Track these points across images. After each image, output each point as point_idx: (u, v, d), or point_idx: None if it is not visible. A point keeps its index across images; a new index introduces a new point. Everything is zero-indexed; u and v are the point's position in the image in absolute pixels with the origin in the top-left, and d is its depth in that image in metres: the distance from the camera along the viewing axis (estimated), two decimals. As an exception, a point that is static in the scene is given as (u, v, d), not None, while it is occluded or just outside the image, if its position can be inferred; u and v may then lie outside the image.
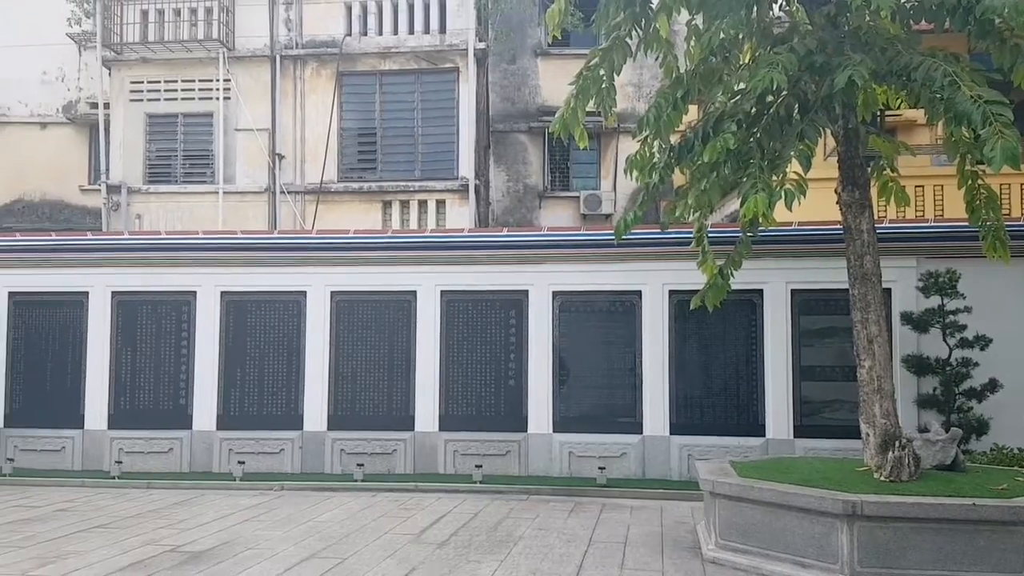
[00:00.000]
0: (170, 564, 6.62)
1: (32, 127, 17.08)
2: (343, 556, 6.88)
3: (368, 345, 11.40)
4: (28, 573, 6.27)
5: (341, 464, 11.15)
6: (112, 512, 8.83)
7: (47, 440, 11.52)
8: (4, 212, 16.96)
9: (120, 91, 15.12)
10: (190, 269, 11.57)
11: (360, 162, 15.08)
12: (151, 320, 11.65)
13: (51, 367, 11.69)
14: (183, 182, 15.07)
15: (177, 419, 11.46)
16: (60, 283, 11.73)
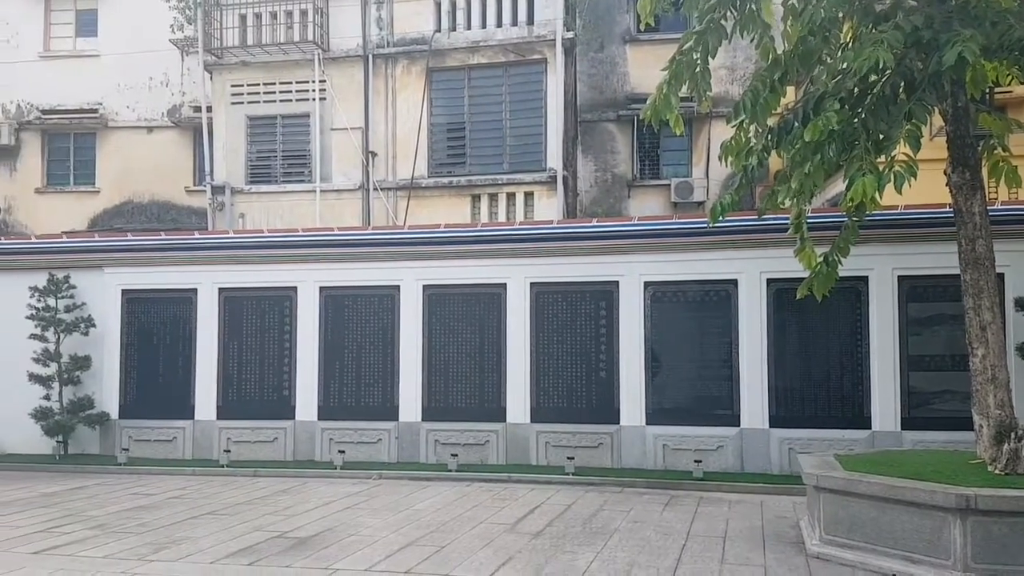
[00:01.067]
0: (277, 549, 6.87)
1: (139, 131, 17.93)
2: (441, 544, 6.99)
3: (459, 338, 11.53)
4: (145, 558, 6.60)
5: (435, 454, 11.33)
6: (221, 499, 9.22)
7: (159, 431, 12.09)
8: (115, 213, 17.88)
9: (222, 94, 15.73)
10: (291, 265, 11.95)
11: (449, 157, 15.25)
12: (255, 315, 12.08)
13: (162, 361, 12.27)
14: (282, 181, 15.58)
15: (281, 410, 11.87)
16: (170, 280, 12.29)
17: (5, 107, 18.04)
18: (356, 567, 6.29)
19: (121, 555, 6.67)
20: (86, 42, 18.19)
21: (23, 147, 18.09)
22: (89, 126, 17.91)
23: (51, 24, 18.31)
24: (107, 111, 17.83)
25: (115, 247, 12.53)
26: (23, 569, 6.19)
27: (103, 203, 17.92)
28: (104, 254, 12.45)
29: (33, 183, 18.11)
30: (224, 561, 6.50)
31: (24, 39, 18.12)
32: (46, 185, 18.18)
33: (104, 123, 17.81)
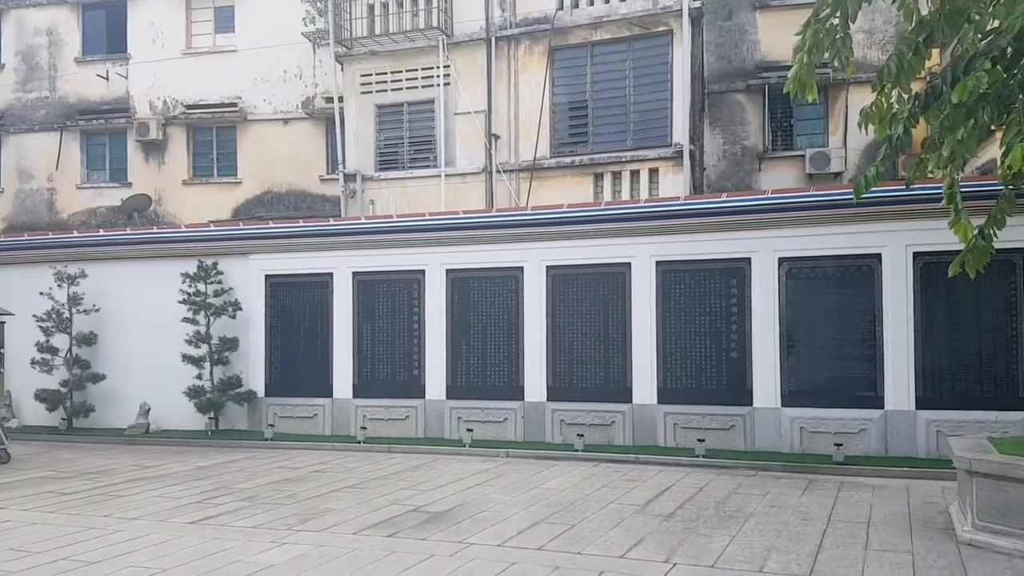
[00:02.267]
0: (414, 522, 7.08)
1: (276, 123, 18.75)
2: (571, 523, 7.01)
3: (584, 318, 11.49)
4: (292, 528, 6.95)
5: (561, 434, 11.37)
6: (360, 474, 9.59)
7: (301, 408, 12.70)
8: (256, 203, 18.81)
9: (352, 85, 16.22)
10: (418, 249, 12.24)
11: (571, 136, 15.16)
12: (386, 297, 12.46)
13: (303, 342, 12.85)
14: (409, 167, 15.94)
15: (412, 389, 12.22)
16: (308, 266, 12.84)
17: (153, 103, 19.28)
18: (489, 542, 6.40)
19: (270, 525, 7.05)
20: (224, 38, 19.15)
21: (170, 141, 19.29)
22: (230, 120, 18.89)
23: (192, 22, 19.39)
24: (246, 105, 18.75)
25: (258, 235, 13.19)
26: (182, 538, 6.64)
27: (245, 193, 18.88)
28: (248, 241, 13.14)
29: (180, 175, 19.29)
30: (365, 532, 6.76)
31: (168, 38, 19.27)
32: (192, 177, 19.33)
33: (243, 116, 18.74)
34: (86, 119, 19.61)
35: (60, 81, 19.84)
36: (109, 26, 19.81)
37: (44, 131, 19.88)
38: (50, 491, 8.66)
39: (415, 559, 5.95)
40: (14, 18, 20.12)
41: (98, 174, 20.00)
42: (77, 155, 19.85)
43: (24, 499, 8.24)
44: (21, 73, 20.05)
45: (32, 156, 19.99)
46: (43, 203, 19.91)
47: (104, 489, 8.79)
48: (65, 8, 19.86)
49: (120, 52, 19.55)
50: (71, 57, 19.80)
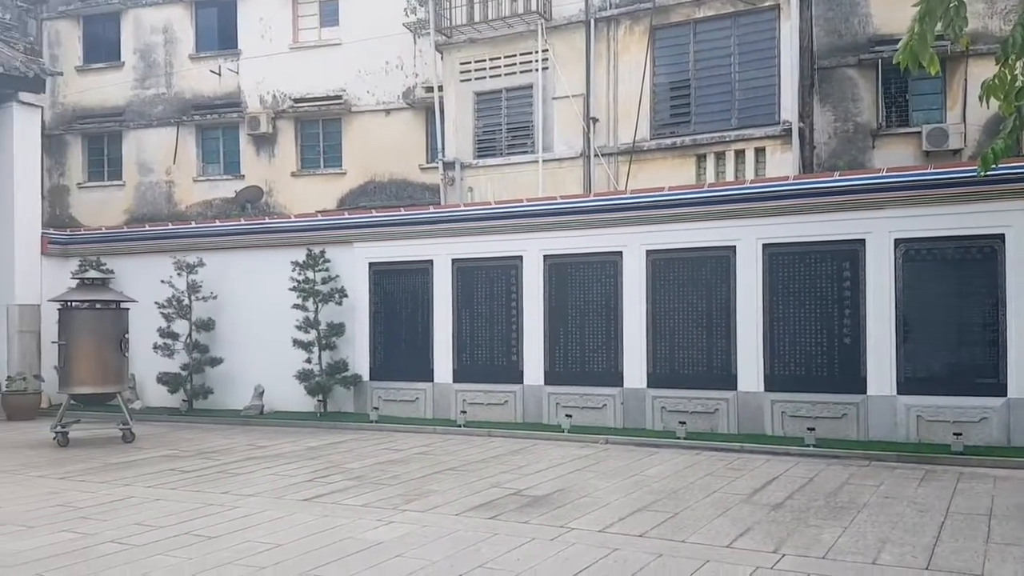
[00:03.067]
0: (515, 506, 7.13)
1: (378, 114, 19.14)
2: (674, 511, 6.90)
3: (685, 303, 11.27)
4: (398, 508, 7.11)
5: (662, 421, 11.21)
6: (461, 456, 9.73)
7: (404, 392, 12.97)
8: (359, 193, 19.27)
9: (451, 73, 16.38)
10: (516, 235, 12.27)
11: (673, 117, 14.86)
12: (485, 284, 12.55)
13: (405, 328, 13.10)
14: (507, 154, 15.99)
15: (510, 374, 12.28)
16: (409, 253, 13.07)
17: (263, 98, 19.98)
18: (590, 527, 6.38)
19: (377, 504, 7.23)
20: (329, 32, 19.64)
21: (279, 134, 19.96)
22: (335, 112, 19.40)
23: (298, 17, 19.97)
24: (350, 97, 19.20)
25: (362, 223, 13.51)
26: (295, 515, 6.89)
27: (349, 183, 19.38)
28: (353, 230, 13.48)
29: (289, 167, 19.96)
30: (468, 514, 6.84)
31: (276, 33, 19.91)
32: (300, 169, 19.96)
33: (348, 108, 19.21)
34: (200, 114, 20.53)
35: (176, 77, 20.82)
36: (220, 23, 20.63)
37: (162, 126, 20.91)
38: (172, 469, 9.14)
39: (517, 541, 5.98)
40: (132, 17, 21.21)
41: (213, 167, 20.92)
42: (193, 149, 20.81)
43: (148, 476, 8.72)
44: (139, 70, 21.14)
45: (151, 150, 21.07)
46: (162, 195, 20.97)
47: (222, 467, 9.21)
48: (179, 6, 20.80)
49: (231, 48, 20.33)
50: (185, 54, 20.73)
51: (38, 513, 6.99)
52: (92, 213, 21.04)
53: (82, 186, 21.73)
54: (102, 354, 11.03)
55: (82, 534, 6.28)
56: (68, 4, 21.49)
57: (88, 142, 21.84)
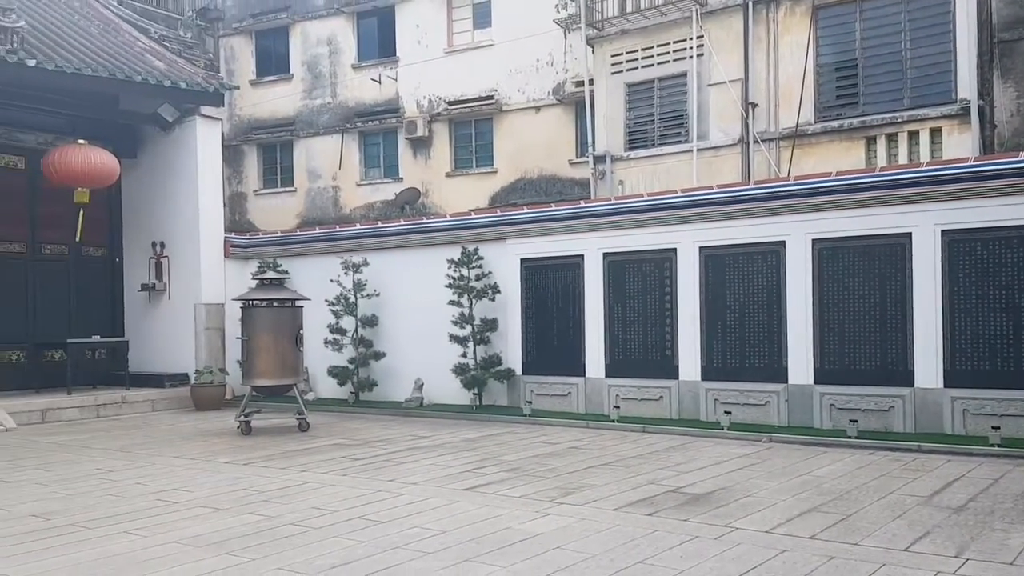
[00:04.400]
0: (674, 503, 7.00)
1: (528, 112, 19.36)
2: (845, 513, 6.55)
3: (855, 294, 10.65)
4: (555, 500, 7.15)
5: (831, 419, 10.67)
6: (615, 452, 9.66)
7: (556, 386, 13.03)
8: (510, 190, 19.57)
9: (602, 66, 16.31)
10: (670, 227, 12.03)
11: (839, 98, 14.12)
12: (637, 277, 12.41)
13: (556, 322, 13.16)
14: (659, 145, 15.74)
15: (664, 369, 12.07)
16: (560, 248, 13.11)
17: (419, 102, 20.68)
18: (755, 527, 6.16)
19: (534, 496, 7.32)
20: (482, 34, 20.07)
21: (434, 136, 20.60)
22: (486, 112, 19.80)
23: (452, 21, 20.53)
24: (501, 96, 19.53)
25: (514, 220, 13.70)
26: (457, 503, 7.09)
27: (500, 181, 19.73)
28: (505, 227, 13.69)
29: (443, 168, 20.56)
30: (625, 510, 6.79)
31: (431, 39, 20.56)
32: (453, 169, 20.52)
33: (499, 108, 19.54)
34: (362, 121, 21.52)
35: (340, 87, 21.93)
36: (380, 32, 21.55)
37: (327, 134, 22.10)
38: (343, 456, 9.64)
39: (678, 539, 5.87)
40: (299, 31, 22.51)
41: (374, 171, 21.89)
42: (356, 154, 21.86)
43: (322, 463, 9.23)
44: (307, 82, 22.42)
45: (319, 157, 22.31)
46: (329, 200, 22.16)
47: (388, 456, 9.62)
48: (342, 18, 21.88)
49: (390, 56, 21.18)
50: (348, 64, 21.79)
51: (227, 496, 7.56)
52: (267, 218, 22.54)
53: (258, 193, 23.32)
54: (280, 349, 11.78)
55: (265, 516, 6.73)
56: (242, 21, 23.11)
57: (262, 151, 23.41)
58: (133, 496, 7.64)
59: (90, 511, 7.03)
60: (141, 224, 16.51)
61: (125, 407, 14.50)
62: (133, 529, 6.38)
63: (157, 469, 9.09)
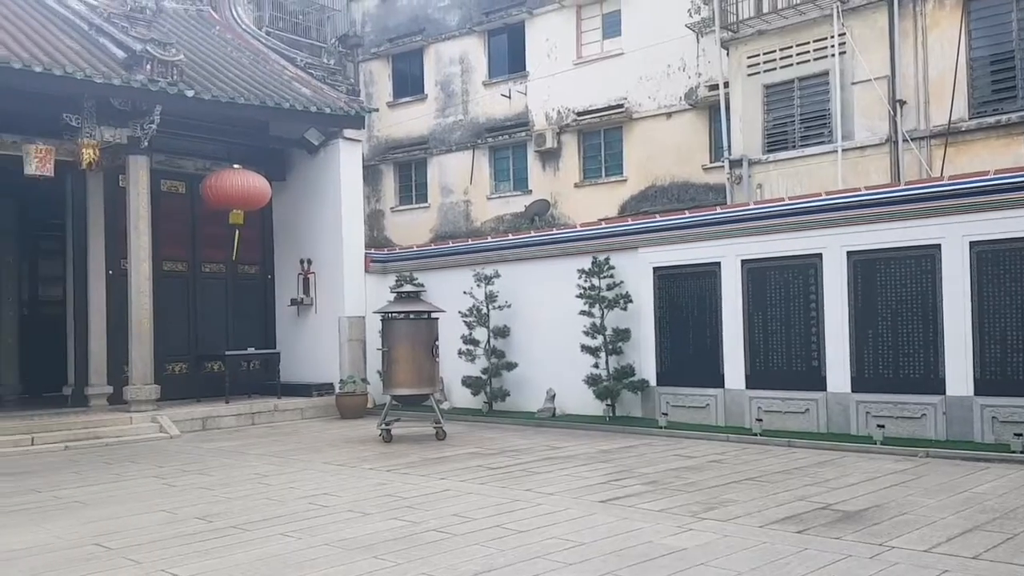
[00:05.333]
0: (824, 520, 6.69)
1: (659, 118, 19.12)
2: (1012, 532, 6.06)
3: (1018, 299, 9.88)
4: (696, 515, 6.97)
5: (993, 432, 9.91)
6: (758, 467, 9.33)
7: (693, 397, 12.73)
8: (640, 198, 19.37)
9: (737, 68, 15.92)
10: (814, 232, 11.54)
11: (994, 93, 13.19)
12: (778, 284, 11.96)
13: (692, 332, 12.87)
14: (800, 146, 15.17)
15: (810, 380, 11.56)
16: (694, 256, 12.82)
17: (548, 115, 20.84)
18: (913, 546, 5.79)
19: (674, 510, 7.16)
20: (611, 43, 20.02)
21: (563, 148, 20.70)
22: (616, 121, 19.71)
23: (581, 32, 20.59)
24: (631, 104, 19.40)
25: (646, 229, 13.53)
26: (594, 515, 7.04)
27: (630, 190, 19.57)
28: (636, 236, 13.55)
29: (572, 179, 20.61)
30: (772, 527, 6.54)
31: (560, 52, 20.70)
32: (583, 179, 20.53)
33: (629, 116, 19.42)
34: (492, 136, 21.91)
35: (471, 104, 22.43)
36: (510, 48, 21.89)
37: (459, 150, 22.63)
38: (479, 465, 9.78)
39: (830, 558, 5.60)
40: (433, 52, 23.20)
41: (504, 184, 22.22)
42: (486, 169, 22.27)
43: (459, 471, 9.40)
44: (440, 101, 23.06)
45: (451, 173, 22.88)
46: (460, 214, 22.66)
47: (523, 466, 9.69)
48: (473, 37, 22.39)
49: (520, 71, 21.47)
50: (479, 81, 22.25)
51: (372, 502, 7.82)
52: (403, 233, 23.30)
53: (394, 210, 24.16)
54: (417, 359, 12.12)
55: (409, 522, 6.92)
56: (379, 46, 24.06)
57: (398, 169, 24.25)
58: (287, 499, 8.03)
59: (248, 514, 7.44)
60: (290, 242, 17.43)
61: (277, 415, 15.31)
62: (288, 531, 6.70)
63: (307, 474, 9.53)
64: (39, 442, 12.12)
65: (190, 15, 18.66)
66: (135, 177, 14.10)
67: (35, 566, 5.87)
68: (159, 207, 15.10)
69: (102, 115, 13.66)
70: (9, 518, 7.47)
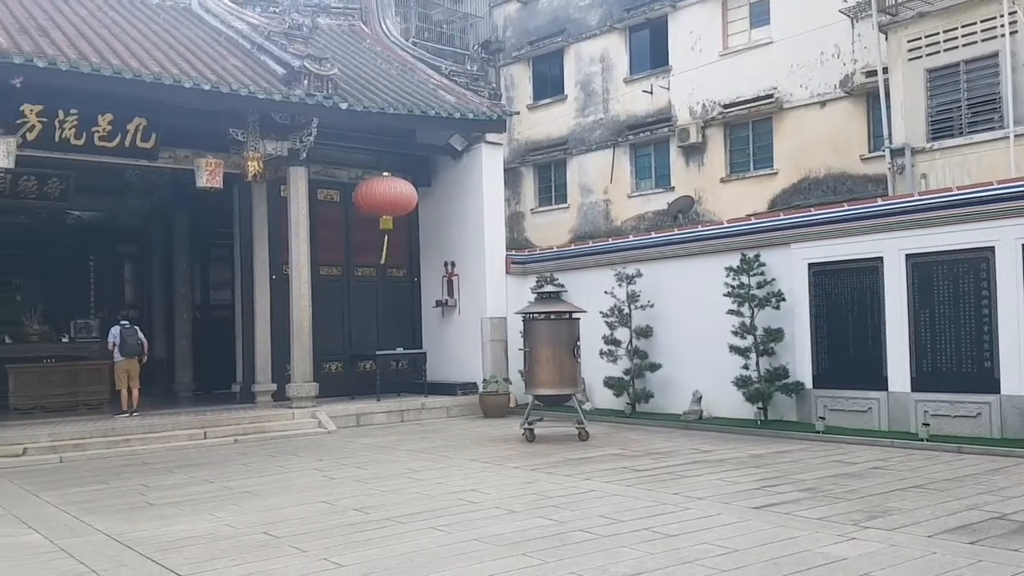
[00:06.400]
0: (999, 531, 6.18)
1: (812, 108, 18.27)
2: None
3: None
4: (859, 524, 6.60)
5: None
6: (926, 474, 8.73)
7: (853, 401, 12.05)
8: (792, 192, 18.57)
9: (897, 53, 15.00)
10: (986, 223, 10.69)
11: None
12: (946, 280, 11.15)
13: (851, 331, 12.19)
14: (967, 133, 14.10)
15: (983, 383, 10.72)
16: (852, 251, 12.14)
17: (692, 109, 20.37)
18: (1113, 570, 5.24)
19: (835, 519, 6.80)
20: (759, 32, 19.33)
21: (708, 142, 20.16)
22: (765, 112, 19.01)
23: (727, 23, 20.00)
24: (781, 94, 18.66)
25: (800, 223, 12.95)
26: (748, 522, 6.80)
27: (780, 184, 18.81)
28: (789, 231, 13.00)
29: (717, 174, 20.04)
30: (942, 536, 6.10)
31: (705, 44, 20.17)
32: (729, 174, 19.92)
33: (779, 107, 18.69)
34: (633, 133, 21.66)
35: (611, 102, 22.27)
36: (652, 43, 21.56)
37: (599, 149, 22.51)
38: (624, 467, 9.67)
39: (1008, 570, 5.17)
40: (573, 52, 23.21)
41: (645, 182, 21.91)
42: (627, 167, 22.03)
43: (604, 472, 9.33)
44: (580, 101, 23.04)
45: (590, 173, 22.81)
46: (600, 213, 22.54)
47: (669, 469, 9.50)
48: (614, 34, 22.22)
49: (662, 66, 21.11)
50: (620, 78, 22.05)
51: (518, 500, 7.89)
52: (542, 234, 23.44)
53: (534, 211, 24.35)
54: (559, 359, 12.14)
55: (555, 521, 6.93)
56: (520, 49, 24.33)
57: (538, 171, 24.42)
58: (436, 495, 8.24)
59: (401, 507, 7.70)
60: (434, 246, 17.92)
61: (424, 413, 15.78)
62: (439, 525, 6.88)
63: (455, 470, 9.75)
64: (211, 436, 13.03)
65: (343, 30, 19.55)
66: (295, 187, 14.93)
67: (212, 552, 6.31)
68: (316, 215, 15.89)
69: (265, 129, 14.55)
70: (186, 507, 8.06)
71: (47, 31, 13.10)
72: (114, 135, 13.49)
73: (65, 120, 12.97)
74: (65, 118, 12.95)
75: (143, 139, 13.77)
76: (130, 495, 8.76)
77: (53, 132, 12.95)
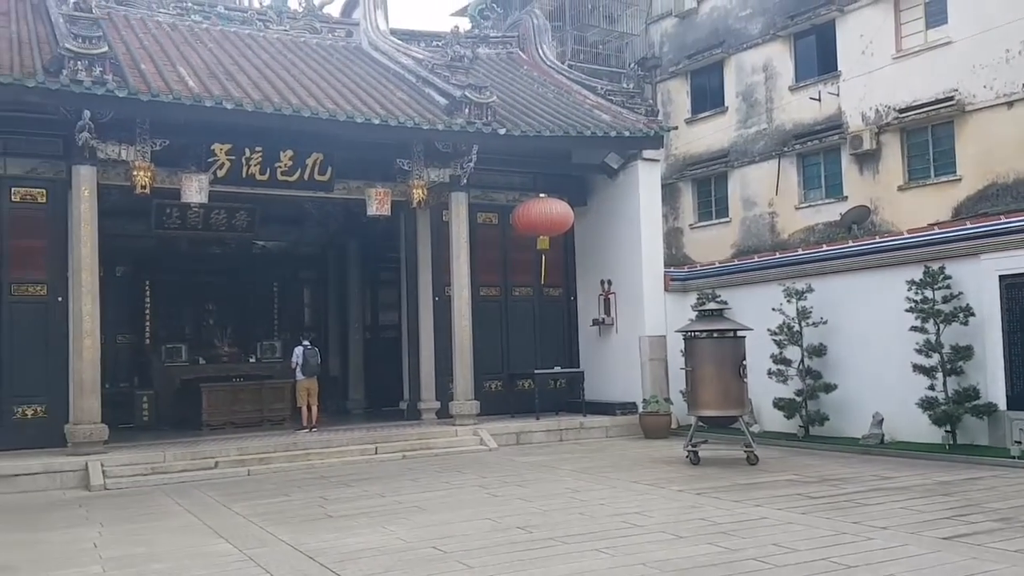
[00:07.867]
0: None
1: (998, 109, 16.83)
2: None
3: None
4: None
5: None
6: None
7: (1061, 426, 10.92)
8: (977, 199, 17.15)
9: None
10: None
11: None
12: None
13: (1053, 349, 11.09)
14: None
15: None
16: (1054, 261, 11.08)
17: (864, 115, 19.27)
18: None
19: None
20: (936, 32, 18.07)
21: (883, 149, 18.99)
22: (945, 115, 17.70)
23: (900, 24, 18.83)
24: (962, 96, 17.32)
25: (990, 232, 11.98)
26: (938, 553, 6.32)
27: (964, 190, 17.42)
28: (978, 241, 12.03)
29: (895, 182, 18.82)
30: None
31: (876, 47, 19.06)
32: (907, 181, 18.66)
33: (960, 109, 17.36)
34: (800, 142, 20.76)
35: (776, 111, 21.47)
36: (819, 49, 20.64)
37: (762, 160, 21.73)
38: (797, 493, 9.21)
39: None
40: (733, 63, 22.60)
41: (814, 192, 20.91)
42: (793, 178, 21.12)
43: (776, 499, 8.93)
44: (741, 112, 22.38)
45: (753, 185, 22.05)
46: (765, 226, 21.72)
47: (847, 496, 8.96)
48: (778, 42, 21.45)
49: (830, 71, 20.13)
50: (784, 87, 21.22)
51: (683, 525, 7.69)
52: (702, 250, 22.86)
53: (693, 227, 23.83)
54: (723, 379, 11.76)
55: (724, 548, 6.69)
56: (677, 64, 23.99)
57: (696, 186, 23.90)
58: (599, 516, 8.18)
59: (564, 527, 7.70)
60: (590, 265, 17.91)
61: (583, 432, 15.73)
62: (603, 548, 6.82)
63: (616, 492, 9.65)
64: (381, 451, 13.60)
65: (501, 58, 20.07)
66: (456, 211, 15.43)
67: (385, 564, 6.56)
68: (475, 237, 16.31)
69: (428, 158, 15.15)
70: (358, 520, 8.45)
71: (233, 75, 14.28)
72: (294, 170, 14.51)
73: (251, 157, 14.08)
74: (251, 155, 14.07)
75: (320, 172, 14.74)
76: (310, 507, 9.28)
77: (240, 169, 14.09)
